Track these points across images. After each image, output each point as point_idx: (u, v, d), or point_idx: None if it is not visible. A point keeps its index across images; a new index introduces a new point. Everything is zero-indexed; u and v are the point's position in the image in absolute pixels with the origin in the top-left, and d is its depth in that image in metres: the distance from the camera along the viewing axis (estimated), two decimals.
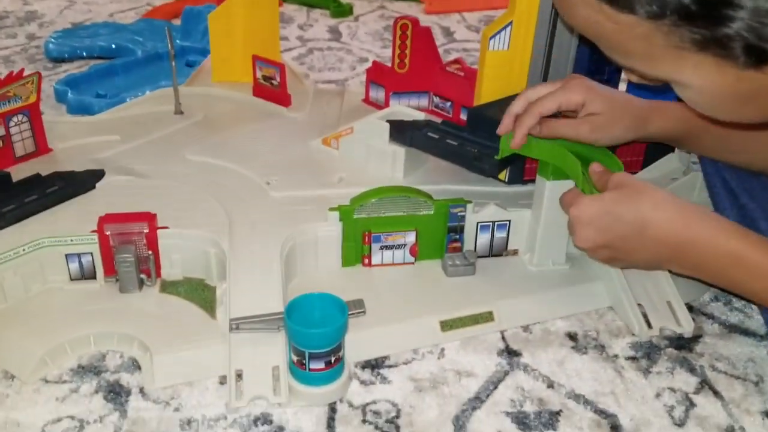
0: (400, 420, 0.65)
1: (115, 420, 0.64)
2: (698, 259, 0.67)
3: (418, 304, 0.77)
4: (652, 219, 0.67)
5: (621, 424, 0.65)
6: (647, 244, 0.68)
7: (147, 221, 0.77)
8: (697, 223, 0.67)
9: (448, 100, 1.10)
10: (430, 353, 0.73)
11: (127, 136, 1.03)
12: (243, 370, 0.66)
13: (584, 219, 0.70)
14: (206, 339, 0.71)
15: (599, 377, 0.71)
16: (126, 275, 0.77)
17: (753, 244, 0.65)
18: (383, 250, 0.83)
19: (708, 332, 0.77)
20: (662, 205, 0.67)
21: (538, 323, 0.78)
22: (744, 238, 0.65)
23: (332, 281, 0.80)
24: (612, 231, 0.69)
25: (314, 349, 0.64)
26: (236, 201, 0.87)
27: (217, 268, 0.79)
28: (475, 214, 0.83)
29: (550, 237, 0.82)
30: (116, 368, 0.70)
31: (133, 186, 0.89)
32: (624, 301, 0.78)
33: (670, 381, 0.70)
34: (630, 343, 0.75)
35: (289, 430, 0.63)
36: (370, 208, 0.81)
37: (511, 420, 0.65)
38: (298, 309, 0.66)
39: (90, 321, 0.73)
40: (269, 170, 0.94)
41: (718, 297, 0.83)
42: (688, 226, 0.66)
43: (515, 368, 0.71)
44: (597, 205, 0.70)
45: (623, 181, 0.70)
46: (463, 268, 0.82)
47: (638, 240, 0.68)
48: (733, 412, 0.67)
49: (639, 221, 0.67)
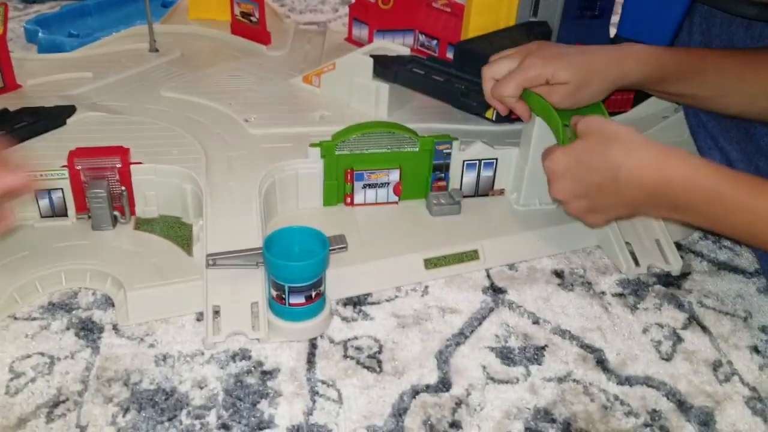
0: (382, 355, 0.63)
1: (87, 356, 0.62)
2: (675, 200, 0.64)
3: (401, 242, 0.75)
4: (624, 164, 0.64)
5: (607, 358, 0.64)
6: (622, 190, 0.65)
7: (119, 156, 0.74)
8: (671, 164, 0.64)
9: (434, 38, 1.06)
10: (414, 291, 0.71)
11: (99, 73, 0.99)
12: (220, 307, 0.64)
13: (558, 170, 0.68)
14: (182, 275, 0.68)
15: (586, 313, 0.69)
16: (98, 212, 0.74)
17: (729, 179, 0.62)
18: (366, 188, 0.80)
19: (697, 269, 0.76)
20: (634, 150, 0.65)
21: (524, 261, 0.76)
22: (719, 175, 0.62)
23: (313, 220, 0.78)
24: (585, 180, 0.67)
25: (294, 283, 0.62)
26: (214, 137, 0.84)
27: (193, 204, 0.76)
28: (462, 151, 0.81)
29: (538, 176, 0.79)
30: (88, 305, 0.67)
31: (105, 122, 0.86)
32: (612, 239, 0.76)
33: (658, 317, 0.69)
34: (617, 281, 0.74)
35: (269, 365, 0.61)
36: (352, 145, 0.78)
37: (496, 355, 0.64)
38: (278, 242, 0.64)
39: (61, 258, 0.70)
40: (248, 108, 0.91)
41: (707, 235, 0.82)
42: (662, 168, 0.64)
43: (500, 305, 0.70)
44: (568, 154, 0.68)
45: (592, 127, 0.67)
46: (449, 207, 0.80)
47: (612, 187, 0.65)
48: (721, 347, 0.66)
49: (611, 168, 0.64)
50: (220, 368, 0.61)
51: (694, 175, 0.63)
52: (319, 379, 0.60)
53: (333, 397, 0.59)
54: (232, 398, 0.58)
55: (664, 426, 0.57)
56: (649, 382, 0.62)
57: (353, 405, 0.58)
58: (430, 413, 0.58)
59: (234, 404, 0.58)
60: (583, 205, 0.69)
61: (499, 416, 0.58)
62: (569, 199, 0.69)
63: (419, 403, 0.59)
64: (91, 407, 0.57)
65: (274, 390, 0.59)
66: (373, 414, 0.57)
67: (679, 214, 0.65)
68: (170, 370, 0.61)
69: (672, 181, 0.63)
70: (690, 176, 0.62)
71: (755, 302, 0.72)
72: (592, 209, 0.69)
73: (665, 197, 0.64)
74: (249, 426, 0.56)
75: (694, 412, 0.59)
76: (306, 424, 0.56)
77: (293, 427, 0.56)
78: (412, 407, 0.58)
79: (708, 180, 0.62)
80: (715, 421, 0.58)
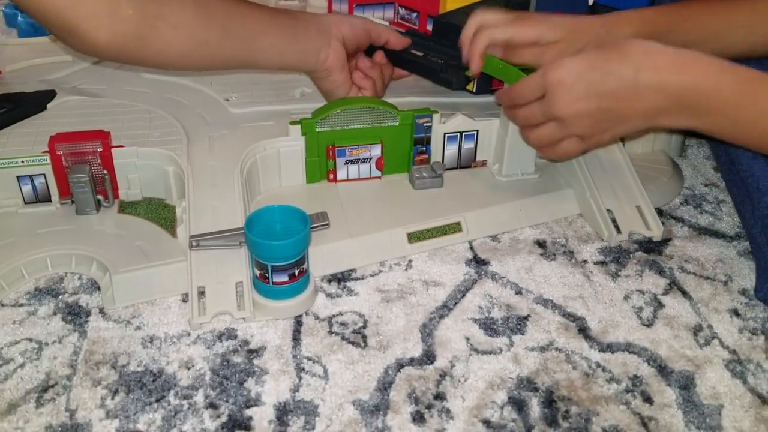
0: (366, 330, 0.64)
1: (74, 340, 0.62)
2: (700, 105, 0.60)
3: (384, 216, 0.76)
4: (645, 65, 0.60)
5: (589, 326, 0.65)
6: (642, 94, 0.61)
7: (100, 140, 0.74)
8: (696, 65, 0.60)
9: (413, 11, 1.05)
10: (398, 265, 0.72)
11: (79, 56, 0.98)
12: (205, 287, 0.65)
13: (568, 79, 0.63)
14: (167, 257, 0.69)
15: (568, 282, 0.70)
16: (81, 196, 0.74)
17: (760, 80, 0.59)
18: (348, 164, 0.80)
19: (678, 235, 0.77)
20: (653, 52, 0.61)
21: (507, 232, 0.77)
22: (750, 76, 0.59)
23: (296, 198, 0.78)
24: (601, 89, 0.62)
25: (276, 262, 0.62)
26: (194, 118, 0.84)
27: (176, 186, 0.77)
28: (442, 124, 0.81)
29: (519, 146, 0.80)
30: (75, 290, 0.68)
31: (86, 106, 0.86)
32: (593, 207, 0.77)
33: (639, 283, 0.70)
34: (599, 248, 0.74)
35: (254, 344, 0.62)
36: (333, 121, 0.78)
37: (479, 326, 0.65)
38: (259, 222, 0.65)
39: (46, 243, 0.71)
40: (228, 87, 0.91)
41: (688, 200, 0.82)
42: (686, 70, 0.60)
43: (483, 276, 0.70)
44: (582, 61, 0.63)
45: (601, 41, 0.65)
46: (431, 181, 0.80)
47: (633, 92, 0.61)
48: (701, 311, 0.67)
49: (631, 71, 0.61)
50: (207, 348, 0.62)
51: (723, 76, 0.60)
52: (304, 355, 0.61)
53: (319, 374, 0.60)
54: (219, 377, 0.59)
55: (645, 391, 0.59)
56: (630, 349, 0.63)
57: (339, 380, 0.59)
58: (415, 386, 0.59)
59: (221, 383, 0.58)
60: (588, 125, 0.65)
61: (482, 387, 0.59)
62: (577, 115, 0.65)
63: (404, 376, 0.59)
64: (80, 391, 0.57)
65: (260, 368, 0.60)
66: (359, 389, 0.58)
67: (702, 120, 0.62)
68: (157, 351, 0.61)
69: (698, 83, 0.60)
70: (719, 77, 0.60)
71: (735, 266, 0.73)
72: (599, 127, 0.66)
73: (689, 101, 0.61)
74: (236, 404, 0.57)
75: (674, 377, 0.60)
76: (293, 401, 0.57)
77: (280, 404, 0.57)
78: (397, 381, 0.59)
79: (738, 81, 0.59)
80: (695, 385, 0.59)
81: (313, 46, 0.79)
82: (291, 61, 0.79)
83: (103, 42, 0.66)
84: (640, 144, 0.89)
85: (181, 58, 0.73)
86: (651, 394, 0.58)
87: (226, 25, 0.73)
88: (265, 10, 0.77)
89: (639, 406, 0.57)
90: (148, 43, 0.69)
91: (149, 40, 0.68)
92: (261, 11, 0.77)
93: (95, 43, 0.66)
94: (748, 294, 0.69)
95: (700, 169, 0.90)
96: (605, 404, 0.57)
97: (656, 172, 0.85)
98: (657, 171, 0.85)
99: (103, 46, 0.66)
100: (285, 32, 0.77)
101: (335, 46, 0.80)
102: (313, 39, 0.79)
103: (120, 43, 0.67)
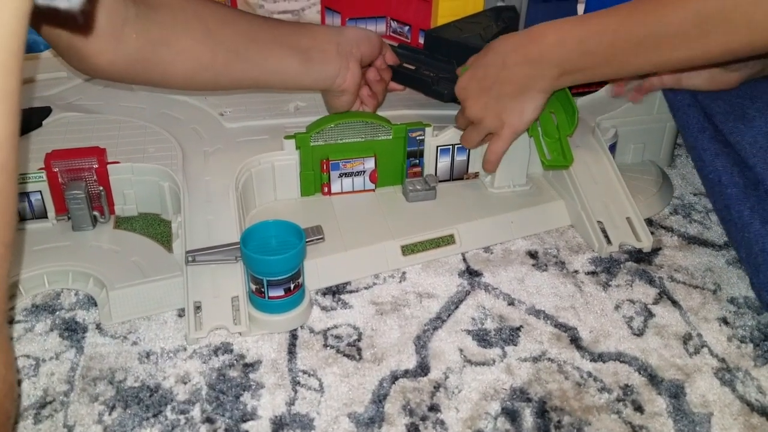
0: (361, 343, 0.65)
1: (71, 357, 0.63)
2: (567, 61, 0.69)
3: (378, 229, 0.76)
4: (500, 41, 0.74)
5: (581, 336, 0.66)
6: (512, 69, 0.72)
7: (96, 156, 0.75)
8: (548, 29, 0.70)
9: (406, 24, 1.07)
10: (392, 277, 0.73)
11: (73, 72, 0.99)
12: (201, 302, 0.65)
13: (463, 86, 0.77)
14: (163, 272, 0.70)
15: (559, 293, 0.71)
16: (78, 213, 0.75)
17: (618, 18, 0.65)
18: (342, 177, 0.81)
19: (667, 245, 0.78)
20: (510, 36, 0.74)
21: (500, 244, 0.78)
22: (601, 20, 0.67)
23: (291, 211, 0.79)
24: (486, 79, 0.75)
25: (272, 277, 0.63)
26: (189, 133, 0.84)
27: (172, 201, 0.77)
28: (435, 137, 0.82)
29: (511, 158, 0.81)
30: (71, 306, 0.68)
31: (82, 122, 0.86)
32: (584, 218, 0.78)
33: (629, 293, 0.71)
34: (590, 259, 0.75)
35: (250, 358, 0.63)
36: (327, 135, 0.79)
37: (472, 338, 0.65)
38: (255, 237, 0.65)
39: (43, 260, 0.71)
40: (222, 101, 0.91)
41: (677, 210, 0.83)
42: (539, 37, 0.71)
43: (476, 288, 0.71)
44: (468, 72, 0.78)
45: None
46: (424, 193, 0.81)
47: (502, 68, 0.73)
48: (691, 320, 0.68)
49: (499, 57, 0.74)
50: (203, 363, 0.62)
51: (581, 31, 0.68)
52: (300, 369, 0.62)
53: (314, 387, 0.60)
54: (216, 392, 0.60)
55: (635, 400, 0.59)
56: (621, 358, 0.64)
57: (334, 393, 0.60)
58: (410, 398, 0.59)
59: (217, 398, 0.59)
60: (493, 105, 0.75)
61: (476, 398, 0.59)
62: (480, 104, 0.76)
63: (398, 388, 0.60)
64: (78, 407, 0.58)
65: (256, 382, 0.61)
66: (354, 401, 0.59)
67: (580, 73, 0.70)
68: (154, 366, 0.62)
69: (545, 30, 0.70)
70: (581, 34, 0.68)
71: (724, 275, 0.74)
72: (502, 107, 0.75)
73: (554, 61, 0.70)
74: (233, 419, 0.57)
75: (664, 386, 0.61)
76: (288, 414, 0.58)
77: (276, 417, 0.57)
78: (391, 393, 0.60)
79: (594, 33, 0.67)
80: (685, 393, 0.60)
81: (331, 69, 0.78)
82: (306, 83, 0.79)
83: (106, 64, 0.66)
84: (630, 154, 0.90)
85: (186, 81, 0.73)
86: (642, 403, 0.59)
87: (235, 48, 0.73)
88: (280, 29, 0.76)
89: (630, 415, 0.58)
90: (151, 66, 0.69)
91: (152, 64, 0.69)
92: (275, 31, 0.76)
93: (97, 64, 0.66)
94: (736, 302, 0.70)
95: (689, 178, 0.91)
96: (597, 414, 0.58)
97: (646, 183, 0.86)
98: (646, 182, 0.86)
99: (106, 68, 0.67)
100: (300, 56, 0.76)
101: (353, 69, 0.79)
102: (332, 62, 0.78)
103: (122, 65, 0.67)
